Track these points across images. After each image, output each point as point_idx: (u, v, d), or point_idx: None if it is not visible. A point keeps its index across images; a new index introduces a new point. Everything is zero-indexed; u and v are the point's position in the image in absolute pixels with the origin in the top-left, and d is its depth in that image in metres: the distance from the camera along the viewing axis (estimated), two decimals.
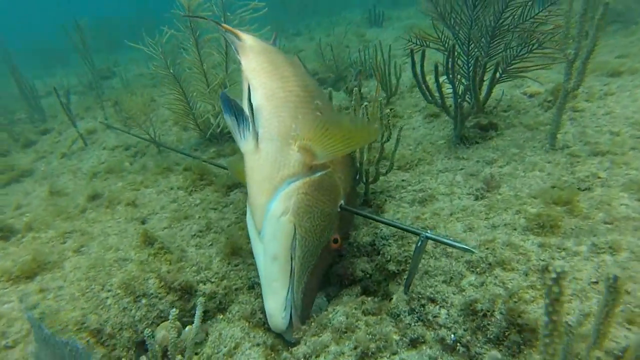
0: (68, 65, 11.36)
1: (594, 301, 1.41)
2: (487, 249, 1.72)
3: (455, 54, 2.41)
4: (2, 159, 5.01)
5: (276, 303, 1.77)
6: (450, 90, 2.53)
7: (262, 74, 2.17)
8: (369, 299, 1.77)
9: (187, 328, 1.91)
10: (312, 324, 1.73)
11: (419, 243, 1.66)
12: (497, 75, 2.67)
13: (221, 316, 1.97)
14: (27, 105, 6.31)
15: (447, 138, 2.73)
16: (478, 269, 1.67)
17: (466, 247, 1.54)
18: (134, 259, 2.18)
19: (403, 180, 2.40)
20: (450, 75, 2.43)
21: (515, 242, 1.72)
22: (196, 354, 1.84)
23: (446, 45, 2.75)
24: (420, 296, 1.69)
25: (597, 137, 2.33)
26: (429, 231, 1.66)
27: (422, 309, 1.65)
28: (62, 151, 4.48)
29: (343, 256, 2.07)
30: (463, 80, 2.71)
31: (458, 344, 1.50)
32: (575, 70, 2.15)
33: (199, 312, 1.50)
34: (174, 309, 1.46)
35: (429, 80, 2.65)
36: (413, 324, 1.63)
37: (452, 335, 1.52)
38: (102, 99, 5.63)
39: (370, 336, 1.55)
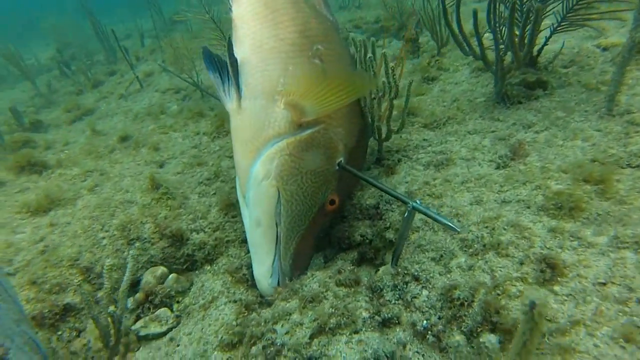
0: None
1: (591, 307, 1.15)
2: (486, 227, 1.48)
3: None
4: (73, 98, 5.34)
5: (262, 269, 1.68)
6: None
7: (252, 20, 1.97)
8: (347, 266, 1.61)
9: (170, 276, 1.89)
10: (286, 288, 1.63)
11: (407, 213, 1.47)
12: (552, 23, 2.26)
13: (208, 267, 1.93)
14: (102, 48, 6.61)
15: (489, 95, 2.39)
16: (471, 250, 1.44)
17: (450, 224, 1.32)
18: (138, 202, 2.18)
19: (425, 140, 2.14)
20: (492, 22, 2.08)
21: (523, 223, 1.46)
22: (177, 302, 1.83)
23: None
24: (406, 272, 1.51)
25: None
26: (417, 201, 1.45)
27: (405, 286, 1.48)
28: (120, 92, 4.64)
29: (345, 217, 1.92)
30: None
31: (429, 332, 1.32)
32: None
33: (129, 266, 1.47)
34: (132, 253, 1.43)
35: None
36: (393, 302, 1.46)
37: (424, 322, 1.35)
38: (161, 42, 5.72)
39: (333, 310, 1.41)
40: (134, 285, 1.90)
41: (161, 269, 1.91)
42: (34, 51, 9.97)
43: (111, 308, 1.47)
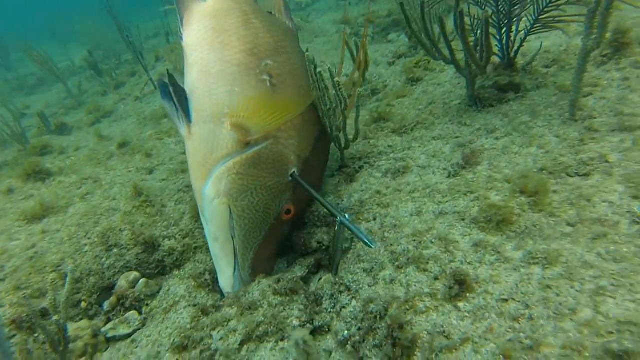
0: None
1: (486, 323, 1.17)
2: (414, 240, 1.51)
3: None
4: (96, 100, 5.63)
5: (225, 279, 1.80)
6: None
7: (200, 46, 2.05)
8: (287, 275, 1.68)
9: (140, 281, 2.02)
10: (230, 296, 1.73)
11: (337, 226, 1.53)
12: (526, 25, 2.22)
13: (176, 272, 2.05)
14: (128, 49, 6.89)
15: (464, 99, 2.37)
16: (397, 263, 1.48)
17: (366, 239, 1.38)
18: (121, 210, 2.33)
19: (389, 146, 2.17)
20: (459, 22, 2.07)
21: (452, 236, 1.48)
22: (146, 305, 1.96)
23: None
24: (341, 282, 1.57)
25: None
26: (346, 215, 1.51)
27: (339, 295, 1.54)
28: (136, 94, 4.86)
29: (305, 224, 1.98)
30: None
31: (348, 343, 1.38)
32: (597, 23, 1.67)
33: (68, 279, 1.60)
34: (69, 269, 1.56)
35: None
36: (328, 310, 1.53)
37: (346, 332, 1.40)
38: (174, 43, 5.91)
39: (263, 318, 1.49)
40: (111, 289, 2.06)
41: (134, 274, 2.05)
42: (73, 52, 10.49)
43: (55, 317, 1.61)
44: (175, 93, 1.96)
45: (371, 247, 1.40)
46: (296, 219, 1.92)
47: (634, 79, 2.01)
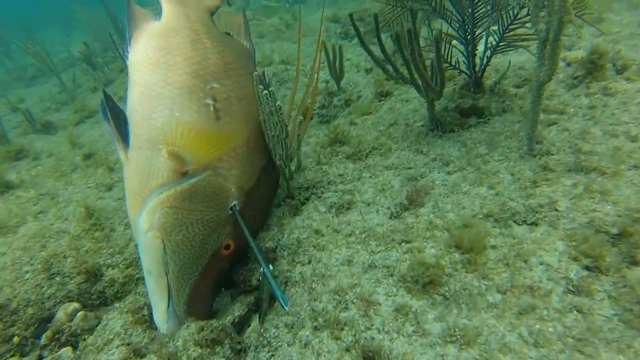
0: None
1: None
2: (336, 298, 1.41)
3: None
4: (84, 96, 5.58)
5: (159, 315, 1.72)
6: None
7: (143, 67, 1.94)
8: (213, 323, 1.59)
9: (78, 314, 1.96)
10: (155, 341, 1.65)
11: (261, 277, 1.45)
12: (491, 43, 2.07)
13: (117, 304, 1.98)
14: (121, 41, 6.80)
15: (427, 120, 2.23)
16: (315, 323, 1.38)
17: (280, 299, 1.30)
18: (70, 233, 2.27)
19: (341, 175, 2.05)
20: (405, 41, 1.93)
21: (375, 297, 1.37)
22: (84, 339, 1.90)
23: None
24: (265, 334, 1.48)
25: (599, 143, 1.69)
26: (270, 267, 1.42)
27: (262, 350, 1.45)
28: (120, 94, 4.78)
29: (249, 258, 1.89)
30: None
31: None
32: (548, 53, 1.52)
33: None
34: None
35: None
36: None
37: None
38: None
39: None
40: (50, 320, 2.00)
41: (73, 306, 1.98)
42: (76, 41, 10.44)
43: None
44: (112, 115, 1.86)
45: (284, 308, 1.31)
46: (237, 254, 1.83)
47: (600, 108, 1.85)
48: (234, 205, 1.77)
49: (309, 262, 1.66)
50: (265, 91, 1.77)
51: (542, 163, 1.67)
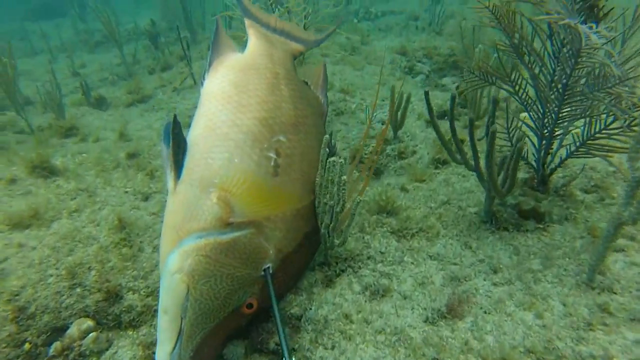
0: None
1: None
2: None
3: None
4: (140, 76, 5.65)
5: (162, 354, 1.67)
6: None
7: (215, 99, 1.89)
8: None
9: (91, 334, 1.94)
10: None
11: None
12: (569, 144, 1.94)
13: (131, 332, 1.96)
14: (187, 25, 6.88)
15: (482, 207, 2.11)
16: None
17: None
18: (100, 241, 2.26)
19: (382, 253, 1.96)
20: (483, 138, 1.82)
21: None
22: None
23: (518, 87, 2.04)
24: None
25: None
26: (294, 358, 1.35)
27: None
28: (175, 85, 4.81)
29: (270, 318, 1.83)
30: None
31: None
32: None
33: None
34: None
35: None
36: None
37: None
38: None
39: None
40: (64, 330, 1.99)
41: (87, 323, 1.96)
42: (145, 13, 10.66)
43: None
44: (174, 143, 1.82)
45: None
46: (259, 312, 1.77)
47: None
48: (268, 267, 1.71)
49: (332, 348, 1.58)
50: (333, 158, 1.69)
51: (602, 302, 1.54)
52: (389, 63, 4.71)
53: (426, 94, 1.99)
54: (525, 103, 2.06)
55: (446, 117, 3.39)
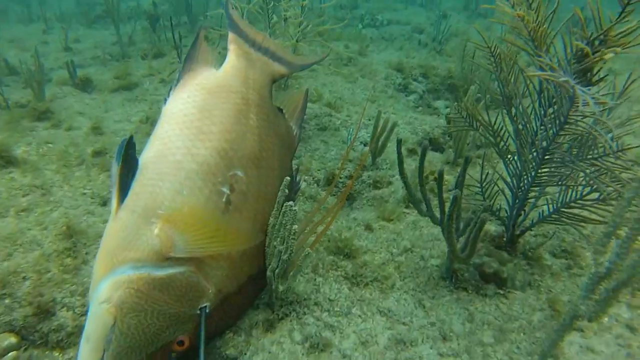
0: None
1: None
2: None
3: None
4: (132, 60, 5.50)
5: None
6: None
7: (175, 122, 1.77)
8: None
9: (10, 354, 1.82)
10: None
11: None
12: (542, 209, 1.83)
13: (57, 354, 1.84)
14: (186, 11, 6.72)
15: (444, 261, 2.01)
16: None
17: None
18: (44, 248, 2.14)
19: (331, 300, 1.85)
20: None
21: None
22: None
23: (499, 134, 1.93)
24: None
25: None
26: None
27: None
28: (162, 76, 4.67)
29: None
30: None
31: None
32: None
33: None
34: None
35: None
36: None
37: None
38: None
39: None
40: None
41: (9, 340, 1.84)
42: None
43: None
44: (123, 164, 1.69)
45: None
46: (190, 350, 1.66)
47: None
48: (205, 307, 1.60)
49: None
50: (289, 203, 1.57)
51: None
52: (383, 79, 4.58)
53: (398, 142, 1.87)
54: (504, 158, 1.95)
55: (430, 147, 3.29)
